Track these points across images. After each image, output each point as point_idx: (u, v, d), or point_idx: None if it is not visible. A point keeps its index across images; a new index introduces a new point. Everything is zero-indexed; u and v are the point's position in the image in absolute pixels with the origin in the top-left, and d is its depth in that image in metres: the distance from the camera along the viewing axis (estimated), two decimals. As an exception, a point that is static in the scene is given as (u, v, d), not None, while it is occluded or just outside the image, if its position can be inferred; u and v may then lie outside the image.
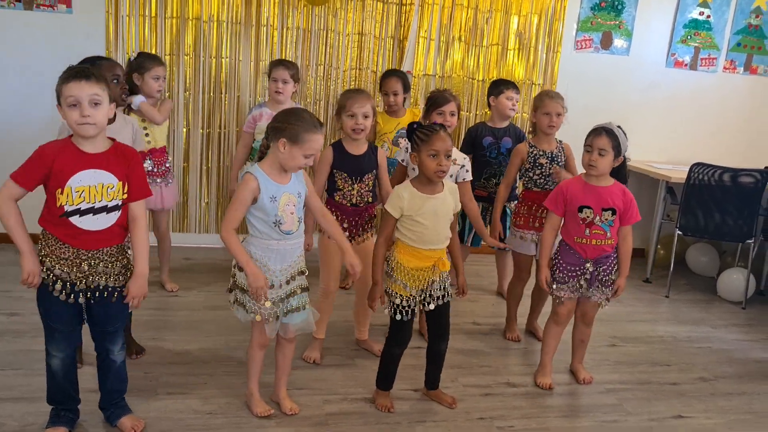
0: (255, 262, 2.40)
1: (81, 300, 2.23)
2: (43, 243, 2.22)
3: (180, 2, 4.27)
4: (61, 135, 2.61)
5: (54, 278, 2.19)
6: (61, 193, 2.12)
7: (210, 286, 3.95)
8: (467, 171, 3.19)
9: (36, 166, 2.14)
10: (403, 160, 3.18)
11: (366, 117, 2.87)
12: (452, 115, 3.26)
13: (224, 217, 2.40)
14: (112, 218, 2.20)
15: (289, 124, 2.35)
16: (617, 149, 2.82)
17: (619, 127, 2.87)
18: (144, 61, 3.50)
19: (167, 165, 3.65)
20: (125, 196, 2.22)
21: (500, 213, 3.52)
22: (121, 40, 4.23)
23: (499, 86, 3.95)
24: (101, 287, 2.24)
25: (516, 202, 3.89)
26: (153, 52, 4.22)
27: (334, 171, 2.91)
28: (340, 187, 2.92)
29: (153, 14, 4.25)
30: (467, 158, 3.24)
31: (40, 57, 4.13)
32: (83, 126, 2.10)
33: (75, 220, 2.15)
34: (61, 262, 2.19)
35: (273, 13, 4.41)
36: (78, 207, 2.14)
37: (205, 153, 4.54)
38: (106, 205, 2.18)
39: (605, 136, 2.80)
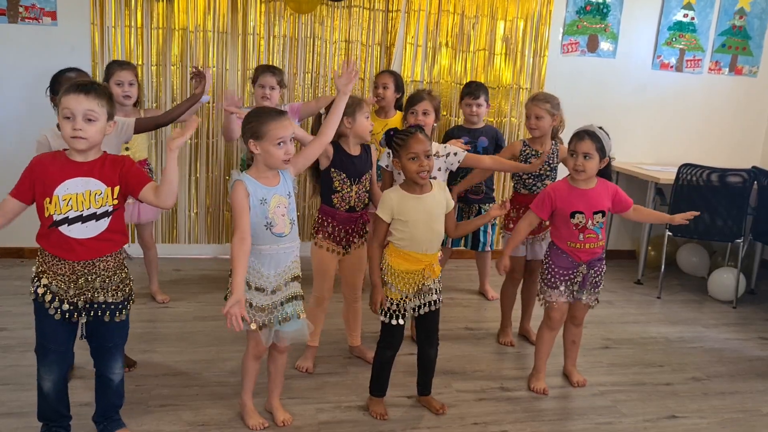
0: (248, 268, 2.39)
1: (75, 319, 2.21)
2: (40, 260, 2.20)
3: (166, 13, 4.26)
4: (39, 150, 2.57)
5: (51, 295, 2.17)
6: (50, 202, 2.11)
7: (200, 297, 3.93)
8: (455, 154, 3.17)
9: (26, 177, 2.15)
10: (387, 166, 3.18)
11: (367, 118, 2.92)
12: (425, 114, 3.32)
13: (235, 223, 2.35)
14: (102, 225, 2.18)
15: (248, 124, 2.37)
16: (602, 151, 2.81)
17: (600, 128, 2.87)
18: (109, 67, 3.43)
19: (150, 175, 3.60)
20: (115, 201, 2.19)
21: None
22: (107, 51, 4.21)
23: (462, 93, 4.09)
24: (100, 304, 2.22)
25: (493, 204, 3.96)
26: (139, 62, 4.22)
27: (332, 170, 2.90)
28: (338, 188, 2.90)
29: (139, 25, 4.24)
30: (446, 144, 3.24)
31: (25, 70, 4.11)
32: (74, 140, 2.10)
33: (64, 229, 2.13)
34: (58, 278, 2.16)
35: (259, 22, 4.41)
36: (66, 215, 2.12)
37: (194, 163, 4.52)
38: (95, 213, 2.16)
39: (589, 140, 2.79)
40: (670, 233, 4.55)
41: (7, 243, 4.34)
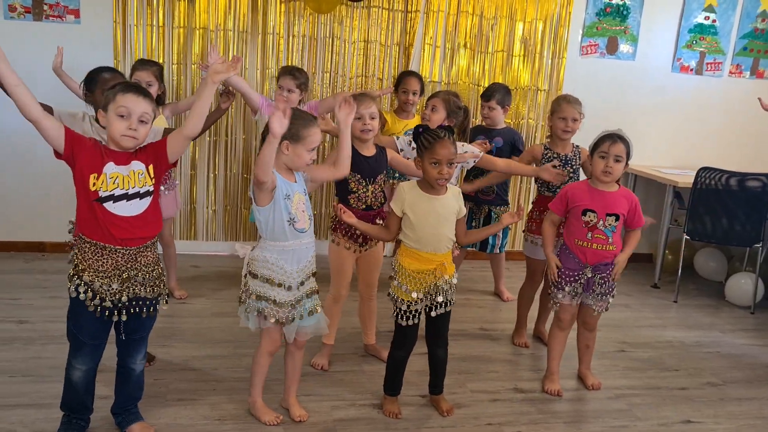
0: (269, 264, 2.42)
1: (116, 318, 2.25)
2: (80, 257, 2.21)
3: (187, 12, 4.30)
4: (70, 117, 2.72)
5: (92, 293, 2.20)
6: (97, 178, 2.16)
7: (218, 293, 3.97)
8: (467, 152, 3.21)
9: (80, 138, 2.19)
10: (401, 150, 3.20)
11: (372, 118, 2.90)
12: (433, 110, 3.33)
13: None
14: (145, 204, 2.23)
15: (290, 127, 2.36)
16: (629, 156, 2.85)
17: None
18: (135, 65, 3.51)
19: (167, 173, 3.62)
20: (153, 181, 2.25)
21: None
22: (129, 49, 4.26)
23: None
24: (139, 299, 2.26)
25: (506, 206, 3.96)
26: (160, 61, 4.26)
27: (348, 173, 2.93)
28: (354, 189, 2.92)
29: (161, 24, 4.28)
30: (462, 143, 3.27)
31: (49, 67, 4.16)
32: (125, 138, 2.16)
33: (108, 206, 2.17)
34: (100, 275, 2.19)
35: (279, 22, 4.44)
36: (112, 193, 2.17)
37: (212, 161, 4.56)
38: (138, 191, 2.21)
39: (621, 143, 2.83)
40: (687, 237, 4.52)
41: (29, 237, 4.40)
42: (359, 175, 2.91)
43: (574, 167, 3.39)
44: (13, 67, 2.03)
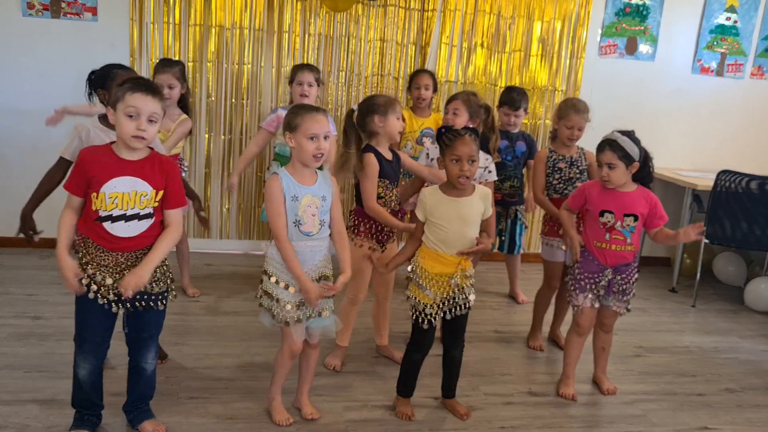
0: (277, 264, 2.42)
1: (119, 310, 2.25)
2: (84, 250, 2.23)
3: (203, 10, 4.31)
4: (72, 141, 2.57)
5: (96, 286, 2.21)
6: (96, 197, 2.15)
7: (231, 292, 3.95)
8: (490, 172, 3.23)
9: (78, 172, 2.19)
10: (432, 159, 3.19)
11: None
12: (455, 113, 3.32)
13: (271, 227, 2.39)
14: (144, 225, 2.21)
15: (287, 118, 2.40)
16: (627, 158, 2.76)
17: (628, 132, 2.80)
18: (157, 67, 3.51)
19: (180, 161, 3.61)
20: (157, 204, 2.22)
21: (552, 212, 3.34)
22: (145, 47, 4.28)
23: (501, 99, 3.99)
24: (143, 294, 2.26)
25: (523, 205, 4.03)
26: (176, 59, 4.26)
27: (378, 179, 2.89)
28: (382, 194, 2.90)
29: (177, 22, 4.29)
30: (489, 158, 3.30)
31: (65, 64, 4.19)
32: (135, 139, 2.13)
33: (107, 225, 2.16)
34: (102, 268, 2.20)
35: (295, 20, 4.44)
36: (110, 213, 2.16)
37: (227, 159, 4.56)
38: (138, 213, 2.19)
39: (609, 151, 2.76)
40: (706, 241, 4.46)
41: (46, 234, 4.41)
42: (387, 180, 2.90)
43: (581, 168, 3.35)
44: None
